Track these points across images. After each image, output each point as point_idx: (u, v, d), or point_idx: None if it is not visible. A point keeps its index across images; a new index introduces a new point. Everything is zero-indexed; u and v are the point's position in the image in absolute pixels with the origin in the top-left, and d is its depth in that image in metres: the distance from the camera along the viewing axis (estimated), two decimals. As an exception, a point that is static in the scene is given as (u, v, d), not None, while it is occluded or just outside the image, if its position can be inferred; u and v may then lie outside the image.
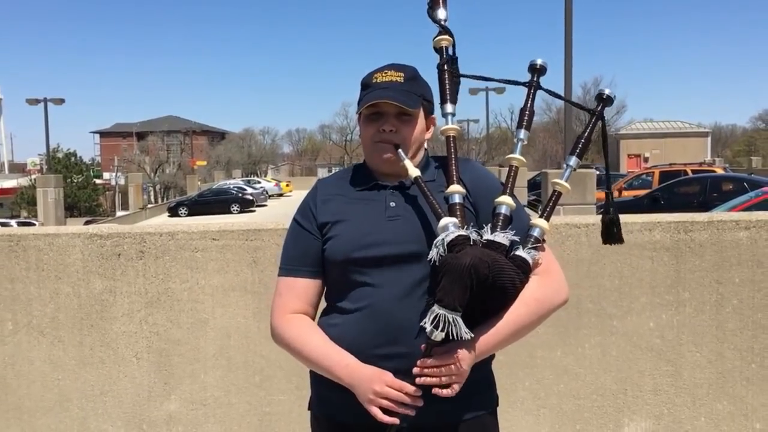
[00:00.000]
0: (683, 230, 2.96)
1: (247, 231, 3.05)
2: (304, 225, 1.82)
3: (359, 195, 1.81)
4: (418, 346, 1.60)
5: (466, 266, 1.53)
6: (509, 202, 1.73)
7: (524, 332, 1.71)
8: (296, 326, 1.77)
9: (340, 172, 1.93)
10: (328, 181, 1.91)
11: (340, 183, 1.87)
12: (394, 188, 1.80)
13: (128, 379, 3.11)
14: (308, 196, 1.88)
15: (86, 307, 3.09)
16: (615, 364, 3.00)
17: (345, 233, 1.74)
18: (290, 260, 1.83)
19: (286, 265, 1.84)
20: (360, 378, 1.64)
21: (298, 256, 1.82)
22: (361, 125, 1.83)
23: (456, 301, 1.54)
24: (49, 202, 25.37)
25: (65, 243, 3.08)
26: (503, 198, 1.73)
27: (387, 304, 1.68)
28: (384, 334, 1.67)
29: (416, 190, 1.76)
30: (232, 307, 3.06)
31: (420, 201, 1.75)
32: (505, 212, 1.72)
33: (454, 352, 1.58)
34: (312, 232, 1.80)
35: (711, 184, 17.59)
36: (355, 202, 1.79)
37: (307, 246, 1.80)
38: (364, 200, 1.79)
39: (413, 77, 1.81)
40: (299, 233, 1.83)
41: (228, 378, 3.10)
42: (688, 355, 2.98)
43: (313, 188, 1.89)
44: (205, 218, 32.71)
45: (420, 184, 1.72)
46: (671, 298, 2.97)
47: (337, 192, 1.84)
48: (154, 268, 3.07)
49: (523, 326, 1.69)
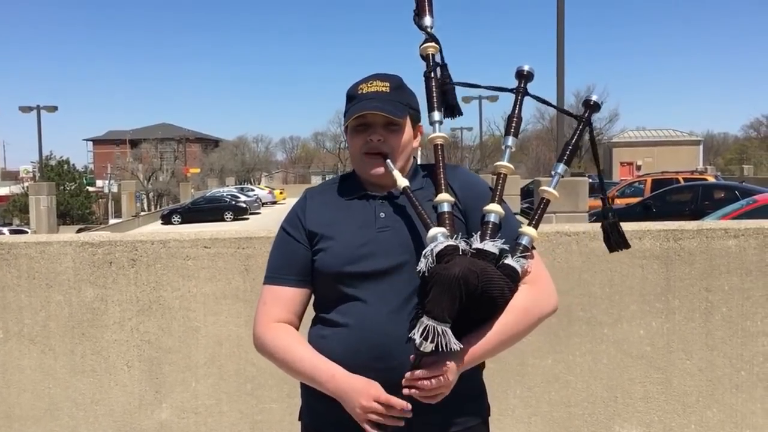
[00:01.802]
0: (673, 238, 2.98)
1: (239, 239, 3.05)
2: (291, 233, 1.82)
3: (348, 205, 1.80)
4: (407, 360, 1.59)
5: (456, 277, 1.52)
6: (498, 210, 1.73)
7: (512, 341, 1.71)
8: (281, 335, 1.76)
9: (329, 182, 1.93)
10: (316, 190, 1.90)
11: (328, 192, 1.86)
12: (383, 198, 1.80)
13: (119, 387, 3.10)
14: (296, 205, 1.87)
15: (77, 315, 3.09)
16: (606, 372, 3.01)
17: (336, 246, 1.73)
18: (276, 269, 1.82)
19: (272, 274, 1.83)
20: (346, 390, 1.63)
21: (284, 265, 1.81)
22: (348, 137, 1.83)
23: (445, 312, 1.52)
24: (42, 210, 25.27)
25: (56, 251, 3.08)
26: (492, 206, 1.74)
27: (377, 319, 1.67)
28: (373, 350, 1.66)
29: (405, 200, 1.76)
30: (224, 315, 3.06)
31: (409, 211, 1.75)
32: (494, 220, 1.72)
33: (443, 363, 1.57)
34: (300, 241, 1.80)
35: (703, 192, 17.66)
36: (344, 212, 1.78)
37: (294, 254, 1.80)
38: (354, 210, 1.78)
39: (399, 87, 1.81)
40: (286, 241, 1.82)
41: (219, 386, 3.09)
42: (678, 362, 3.00)
43: (302, 197, 1.89)
44: (198, 226, 32.64)
45: (408, 194, 1.72)
46: (661, 305, 2.99)
47: (325, 201, 1.83)
48: (146, 276, 3.07)
49: (511, 336, 1.68)
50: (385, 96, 1.77)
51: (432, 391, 1.58)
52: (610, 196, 23.60)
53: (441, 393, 1.59)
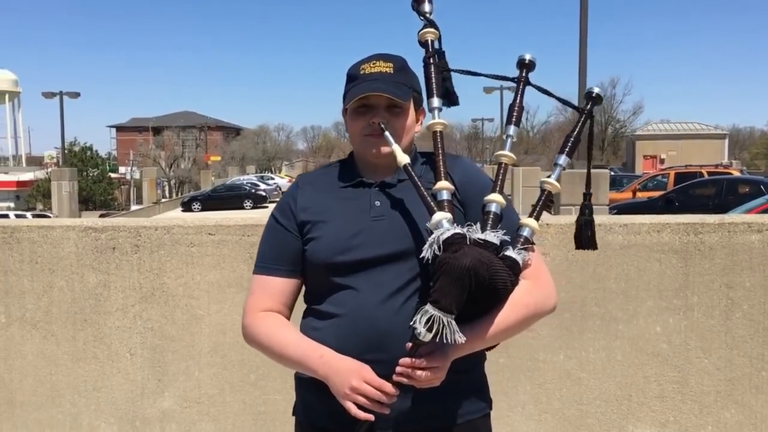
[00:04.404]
0: (693, 232, 2.86)
1: (244, 226, 2.98)
2: (282, 222, 1.75)
3: (342, 193, 1.73)
4: (401, 349, 1.52)
5: (467, 267, 1.46)
6: (499, 200, 1.65)
7: (505, 336, 1.66)
8: (268, 323, 1.71)
9: (323, 168, 1.86)
10: (309, 177, 1.83)
11: (322, 179, 1.79)
12: (379, 186, 1.72)
13: (121, 375, 3.06)
14: (288, 192, 1.80)
15: (80, 301, 3.04)
16: (620, 369, 2.91)
17: (327, 235, 1.66)
18: (265, 258, 1.76)
19: (261, 263, 1.77)
20: (336, 370, 1.57)
21: (273, 254, 1.75)
22: (348, 119, 1.74)
23: (453, 303, 1.46)
24: (64, 195, 25.53)
25: (59, 236, 3.03)
26: (493, 196, 1.66)
27: (369, 308, 1.61)
28: (366, 340, 1.60)
29: (401, 188, 1.69)
30: (228, 303, 3.00)
31: (406, 201, 1.68)
32: (495, 210, 1.65)
33: (440, 354, 1.51)
34: (290, 230, 1.73)
35: (727, 186, 17.36)
36: (338, 200, 1.71)
37: (284, 244, 1.73)
38: (348, 199, 1.71)
39: (402, 68, 1.74)
40: (276, 230, 1.75)
41: (223, 376, 3.03)
42: (696, 361, 2.89)
43: (293, 184, 1.81)
44: (218, 213, 32.88)
45: (409, 171, 1.64)
46: (679, 302, 2.87)
47: (318, 189, 1.76)
48: (149, 262, 3.02)
49: (506, 330, 1.62)
50: (389, 77, 1.69)
51: (425, 382, 1.52)
52: (632, 190, 23.38)
53: (432, 383, 1.53)
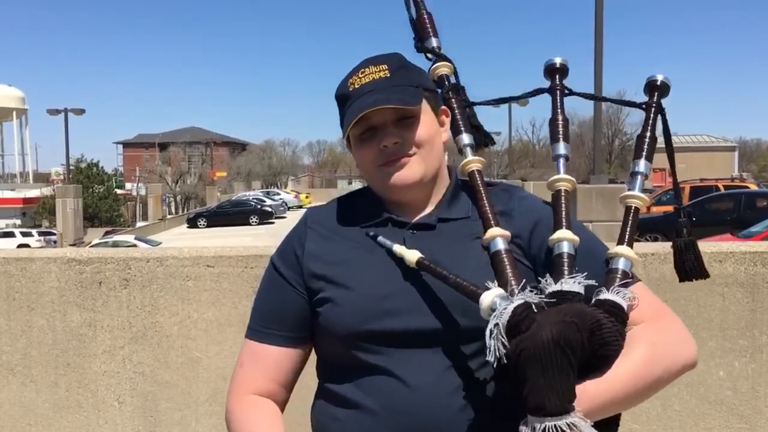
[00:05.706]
0: (761, 262, 2.51)
1: (247, 257, 2.65)
2: (283, 272, 1.35)
3: (365, 237, 1.32)
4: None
5: (550, 340, 1.04)
6: (570, 237, 1.27)
7: (629, 406, 1.17)
8: (251, 417, 1.33)
9: (337, 201, 1.43)
10: (321, 213, 1.41)
11: (337, 217, 1.38)
12: (415, 228, 1.32)
13: (109, 426, 2.73)
14: (293, 232, 1.39)
15: (62, 342, 2.72)
16: (678, 420, 2.57)
17: (349, 296, 1.26)
18: (260, 318, 1.38)
19: (254, 325, 1.38)
20: None
21: (270, 315, 1.36)
22: (353, 151, 1.35)
23: (562, 396, 1.03)
24: (68, 212, 25.44)
25: (39, 269, 2.71)
26: (561, 233, 1.28)
27: (415, 400, 1.20)
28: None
29: (444, 231, 1.30)
30: (229, 344, 2.67)
31: (453, 248, 1.28)
32: (567, 250, 1.26)
33: None
34: (293, 284, 1.33)
35: (745, 200, 17.01)
36: (361, 248, 1.31)
37: (284, 301, 1.34)
38: (373, 245, 1.30)
39: (401, 66, 1.34)
40: (276, 283, 1.36)
41: (223, 427, 2.66)
42: (766, 410, 2.55)
43: (301, 222, 1.40)
44: (224, 230, 32.75)
45: (426, 266, 1.22)
46: (746, 342, 2.53)
47: (333, 230, 1.35)
48: (140, 298, 2.69)
49: (632, 398, 1.14)
50: (386, 82, 1.29)
51: None
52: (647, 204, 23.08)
53: None
